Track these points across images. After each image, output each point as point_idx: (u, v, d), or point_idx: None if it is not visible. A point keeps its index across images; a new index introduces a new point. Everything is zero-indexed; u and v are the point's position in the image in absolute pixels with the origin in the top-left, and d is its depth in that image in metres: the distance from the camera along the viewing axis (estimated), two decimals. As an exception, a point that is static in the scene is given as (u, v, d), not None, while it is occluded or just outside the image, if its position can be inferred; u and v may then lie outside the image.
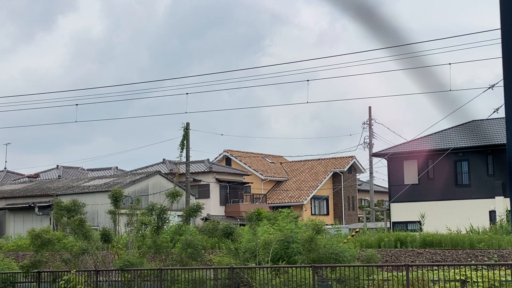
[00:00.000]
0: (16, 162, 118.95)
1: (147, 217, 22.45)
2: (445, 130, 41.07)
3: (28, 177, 56.01)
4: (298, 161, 64.00)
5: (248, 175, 57.26)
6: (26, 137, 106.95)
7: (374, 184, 53.30)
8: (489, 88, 27.89)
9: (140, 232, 22.47)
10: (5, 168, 64.25)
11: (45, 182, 50.48)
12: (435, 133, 41.20)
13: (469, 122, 40.50)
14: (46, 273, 22.40)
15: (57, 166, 60.44)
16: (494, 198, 37.40)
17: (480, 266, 18.25)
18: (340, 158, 61.46)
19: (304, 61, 67.67)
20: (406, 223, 38.34)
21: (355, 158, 61.61)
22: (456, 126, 39.97)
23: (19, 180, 55.22)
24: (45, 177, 56.17)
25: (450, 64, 27.22)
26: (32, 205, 42.98)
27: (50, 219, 39.80)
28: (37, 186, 48.46)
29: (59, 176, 56.06)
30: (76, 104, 34.77)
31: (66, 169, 59.77)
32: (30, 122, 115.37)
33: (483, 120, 40.57)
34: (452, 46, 35.71)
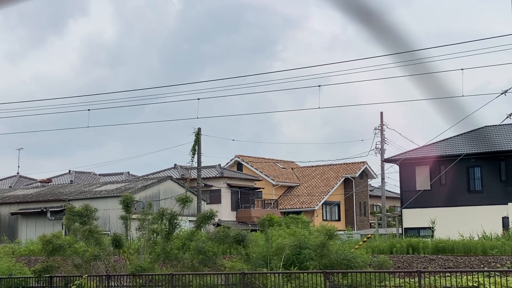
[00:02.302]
0: (29, 167, 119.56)
1: (158, 222, 22.49)
2: (457, 136, 40.88)
3: (40, 182, 56.25)
4: (310, 167, 63.92)
5: (260, 180, 57.23)
6: (38, 142, 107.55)
7: (386, 190, 53.12)
8: (502, 93, 27.78)
9: (152, 238, 22.52)
10: (17, 173, 64.57)
11: (57, 187, 50.65)
12: (447, 138, 41.02)
13: (482, 128, 40.31)
14: (58, 278, 22.47)
15: (69, 171, 60.68)
16: (507, 204, 37.18)
17: (493, 272, 18.15)
18: (352, 163, 61.32)
19: (316, 66, 67.69)
20: (418, 229, 38.16)
21: (367, 164, 61.46)
22: (468, 132, 39.79)
23: (31, 185, 55.45)
24: (57, 182, 56.38)
25: (462, 69, 27.14)
26: (44, 210, 43.12)
27: (62, 224, 39.90)
28: (49, 191, 48.63)
29: (71, 181, 56.26)
30: (88, 109, 34.88)
31: (78, 174, 59.99)
32: (42, 127, 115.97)
33: (495, 125, 40.39)
34: (464, 51, 35.64)
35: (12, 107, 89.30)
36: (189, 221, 34.38)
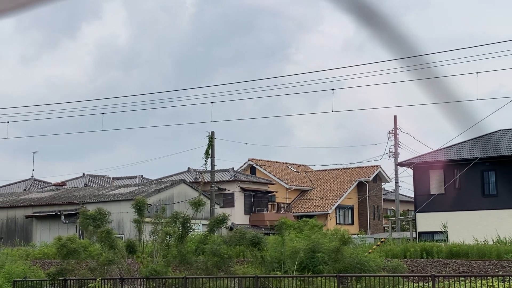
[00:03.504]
0: (43, 170, 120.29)
1: (171, 226, 22.55)
2: (471, 140, 40.68)
3: (54, 185, 56.52)
4: (323, 170, 63.85)
5: (273, 184, 57.23)
6: (52, 145, 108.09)
7: (400, 194, 52.96)
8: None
9: (165, 241, 22.58)
10: (32, 177, 64.95)
11: (71, 190, 50.90)
12: (461, 142, 40.83)
13: (496, 131, 40.16)
14: (72, 281, 22.58)
15: (83, 174, 60.94)
16: (522, 208, 36.95)
17: (508, 277, 18.05)
18: (365, 167, 61.18)
19: (329, 70, 67.62)
20: (432, 233, 38.00)
21: (380, 168, 61.32)
22: (482, 136, 39.62)
23: (45, 188, 55.74)
24: (71, 185, 56.63)
25: (477, 73, 27.03)
26: (59, 213, 43.33)
27: (76, 227, 40.09)
28: (63, 194, 48.88)
29: (85, 184, 56.51)
30: (102, 113, 35.07)
31: (92, 177, 60.23)
32: (56, 130, 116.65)
33: (510, 129, 40.18)
34: (479, 55, 35.46)
35: (26, 110, 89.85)
36: (203, 224, 34.43)
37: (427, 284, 18.23)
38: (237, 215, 50.98)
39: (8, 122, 35.91)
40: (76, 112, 66.46)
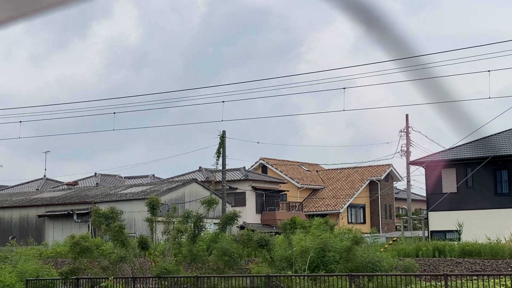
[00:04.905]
0: (55, 170, 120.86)
1: (183, 225, 22.61)
2: (484, 138, 40.47)
3: (67, 184, 56.76)
4: (334, 169, 63.76)
5: (284, 183, 57.20)
6: (64, 145, 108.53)
7: (412, 193, 52.78)
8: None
9: (177, 240, 22.63)
10: (44, 176, 65.25)
11: (84, 190, 51.08)
12: (474, 141, 40.62)
13: (509, 129, 39.96)
14: (84, 280, 22.68)
15: (95, 173, 61.17)
16: (535, 207, 36.73)
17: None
18: (377, 166, 61.04)
19: (340, 68, 67.56)
20: (445, 232, 37.85)
21: (392, 166, 61.15)
22: (495, 134, 39.44)
23: (58, 188, 55.97)
24: (84, 185, 56.84)
25: (489, 71, 26.89)
26: (71, 212, 43.51)
27: (89, 226, 40.24)
28: (75, 193, 49.06)
29: (97, 183, 56.70)
30: (114, 113, 35.23)
31: (103, 176, 60.44)
32: (67, 130, 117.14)
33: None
34: (491, 53, 35.28)
35: (37, 110, 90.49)
36: (214, 223, 34.49)
37: (439, 283, 18.17)
38: (249, 214, 50.98)
39: (20, 122, 36.08)
40: (87, 111, 66.65)
